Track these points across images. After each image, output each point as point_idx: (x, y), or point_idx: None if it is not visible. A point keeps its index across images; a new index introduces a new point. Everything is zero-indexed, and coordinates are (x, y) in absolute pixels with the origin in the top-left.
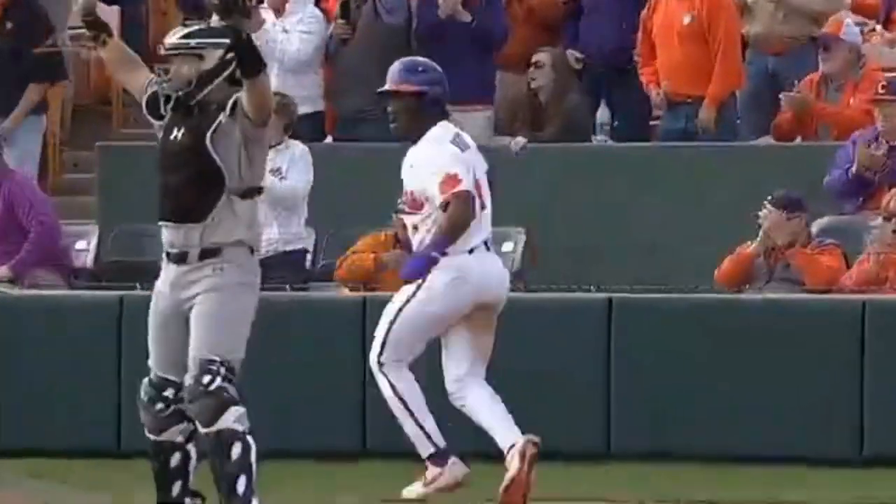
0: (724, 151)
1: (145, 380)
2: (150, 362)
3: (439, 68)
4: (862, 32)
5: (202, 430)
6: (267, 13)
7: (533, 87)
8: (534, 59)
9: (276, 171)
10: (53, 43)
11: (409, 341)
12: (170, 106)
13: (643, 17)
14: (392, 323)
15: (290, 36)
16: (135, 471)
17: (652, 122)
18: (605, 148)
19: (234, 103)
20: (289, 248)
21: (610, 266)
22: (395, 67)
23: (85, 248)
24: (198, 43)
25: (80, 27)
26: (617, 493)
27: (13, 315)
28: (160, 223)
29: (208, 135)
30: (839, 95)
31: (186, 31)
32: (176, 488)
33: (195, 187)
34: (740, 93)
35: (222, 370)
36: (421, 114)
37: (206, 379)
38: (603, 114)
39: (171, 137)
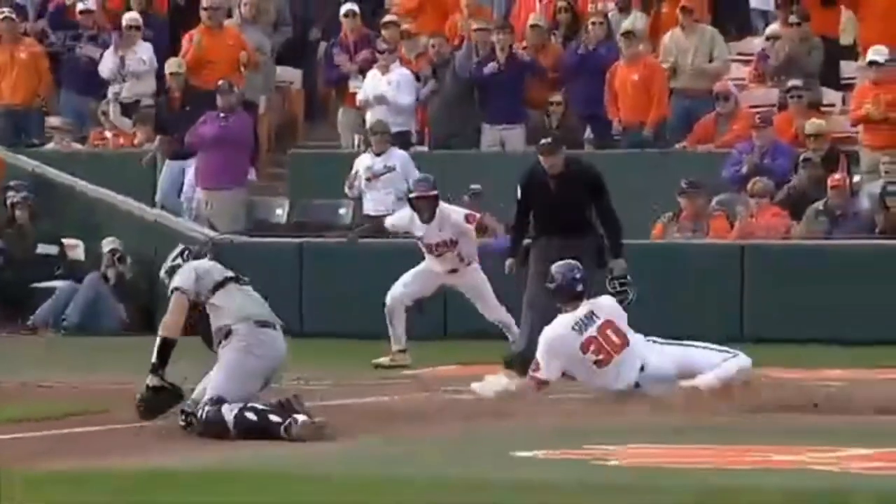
0: (661, 155)
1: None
2: None
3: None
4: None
5: None
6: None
7: (550, 116)
8: (553, 99)
9: (389, 168)
10: None
11: None
12: None
13: (608, 79)
14: None
15: (393, 87)
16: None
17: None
18: (590, 153)
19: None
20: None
21: None
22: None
23: (281, 213)
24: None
25: None
26: None
27: (235, 254)
28: None
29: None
30: (727, 126)
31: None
32: None
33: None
34: (669, 120)
35: None
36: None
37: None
38: (588, 133)
39: None
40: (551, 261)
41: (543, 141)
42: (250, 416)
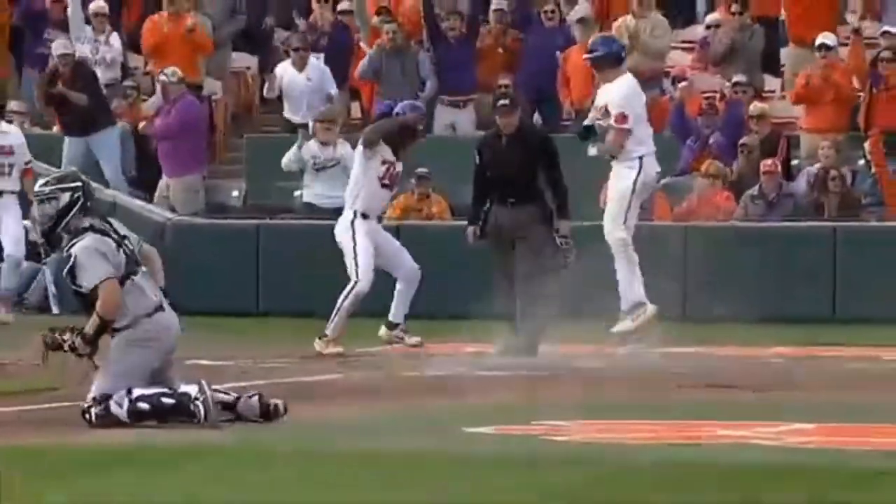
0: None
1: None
2: None
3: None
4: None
5: None
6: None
7: (503, 95)
8: (502, 81)
9: (335, 160)
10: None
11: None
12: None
13: (561, 62)
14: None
15: (310, 84)
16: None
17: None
18: None
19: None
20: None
21: None
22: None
23: (237, 195)
24: (51, 189)
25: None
26: None
27: (192, 235)
28: None
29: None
30: (678, 109)
31: (43, 181)
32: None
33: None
34: None
35: None
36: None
37: None
38: (537, 117)
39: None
40: (503, 229)
41: (501, 102)
42: (143, 405)
